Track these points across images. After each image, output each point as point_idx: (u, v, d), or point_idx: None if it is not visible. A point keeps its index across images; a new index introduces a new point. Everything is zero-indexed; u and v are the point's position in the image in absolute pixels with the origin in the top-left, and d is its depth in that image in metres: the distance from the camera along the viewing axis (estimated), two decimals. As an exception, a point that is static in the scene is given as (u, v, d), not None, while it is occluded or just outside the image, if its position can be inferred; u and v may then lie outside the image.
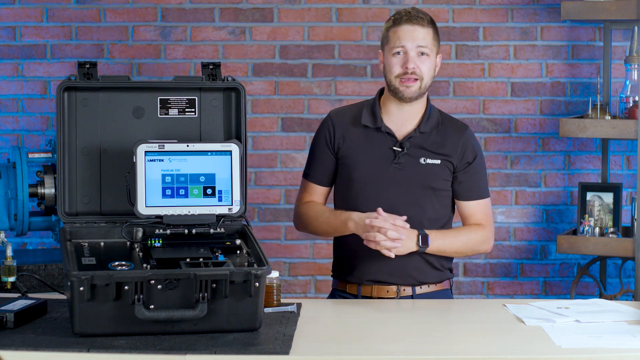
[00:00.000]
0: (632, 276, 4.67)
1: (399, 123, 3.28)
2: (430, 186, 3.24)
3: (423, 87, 3.22)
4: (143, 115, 3.10)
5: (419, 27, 3.20)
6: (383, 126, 3.26)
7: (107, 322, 2.65)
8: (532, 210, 4.79)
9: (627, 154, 4.75)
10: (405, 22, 3.21)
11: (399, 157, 3.24)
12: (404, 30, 3.20)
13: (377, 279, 3.25)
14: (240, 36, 4.78)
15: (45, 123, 4.81)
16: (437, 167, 3.25)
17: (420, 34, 3.20)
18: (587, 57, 4.74)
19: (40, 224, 3.39)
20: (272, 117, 4.80)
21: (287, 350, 2.57)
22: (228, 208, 2.99)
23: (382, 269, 3.24)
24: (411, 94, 3.21)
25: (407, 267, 3.24)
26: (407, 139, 3.25)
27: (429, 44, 3.21)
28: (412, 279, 3.25)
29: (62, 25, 4.78)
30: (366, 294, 3.27)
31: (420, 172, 3.24)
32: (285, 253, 4.82)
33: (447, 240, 3.23)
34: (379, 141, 3.27)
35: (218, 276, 2.68)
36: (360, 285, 3.28)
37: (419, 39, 3.20)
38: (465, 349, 2.65)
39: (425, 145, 3.25)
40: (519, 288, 4.79)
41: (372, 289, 3.26)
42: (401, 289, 3.26)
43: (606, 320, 2.89)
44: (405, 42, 3.20)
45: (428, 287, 3.28)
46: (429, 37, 3.21)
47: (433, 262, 3.27)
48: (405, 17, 3.22)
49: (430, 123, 3.27)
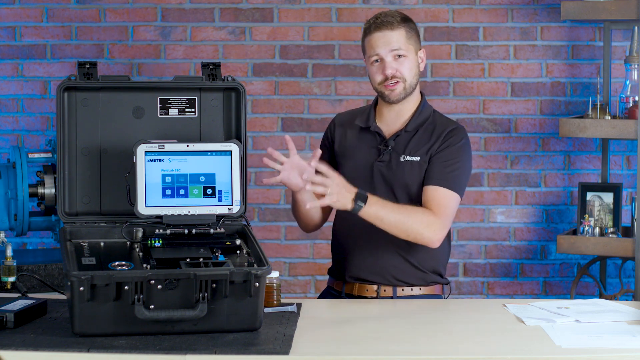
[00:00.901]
0: (632, 276, 4.66)
1: (389, 123, 3.30)
2: (408, 183, 3.24)
3: (408, 86, 3.23)
4: (143, 115, 3.10)
5: (388, 31, 3.21)
6: (373, 126, 3.29)
7: (107, 322, 2.65)
8: (532, 210, 4.79)
9: (627, 154, 4.74)
10: (375, 30, 3.22)
11: (383, 155, 3.26)
12: (375, 38, 3.22)
13: (358, 277, 3.27)
14: (240, 36, 4.78)
15: (45, 123, 4.81)
16: (415, 164, 3.24)
17: (391, 38, 3.21)
18: (587, 57, 4.74)
19: (40, 224, 3.39)
20: (272, 117, 4.80)
21: (287, 350, 2.57)
22: (228, 208, 2.99)
23: (362, 267, 3.26)
24: (397, 96, 3.23)
25: (386, 265, 3.24)
26: (393, 137, 3.27)
27: (403, 44, 3.22)
28: (391, 278, 3.25)
29: (62, 25, 4.78)
30: (349, 291, 3.29)
31: (400, 170, 3.25)
32: (285, 253, 4.82)
33: (386, 208, 3.09)
34: (367, 140, 3.30)
35: (218, 276, 2.68)
36: (344, 283, 3.30)
37: (392, 43, 3.21)
38: (465, 349, 2.65)
39: (410, 143, 3.26)
40: (519, 288, 4.79)
41: (354, 286, 3.28)
42: (381, 288, 3.26)
43: (606, 320, 2.89)
44: (378, 49, 3.22)
45: (412, 290, 3.27)
46: (401, 38, 3.22)
47: (413, 262, 3.26)
48: (373, 25, 3.23)
49: (418, 121, 3.28)
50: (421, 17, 4.75)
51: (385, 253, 3.24)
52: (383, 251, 3.24)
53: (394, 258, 3.25)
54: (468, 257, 4.78)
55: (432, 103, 4.81)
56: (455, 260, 4.78)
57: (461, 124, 3.33)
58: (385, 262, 3.25)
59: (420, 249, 3.23)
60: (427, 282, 3.29)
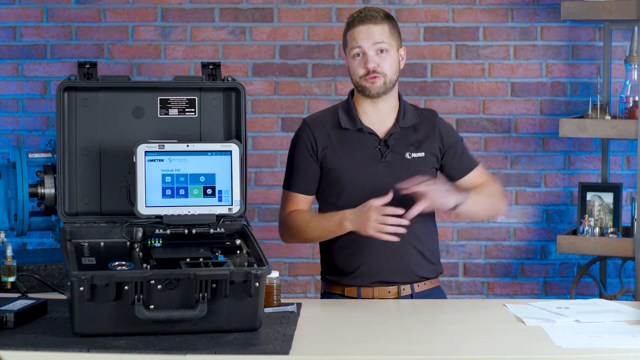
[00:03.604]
0: (632, 276, 4.66)
1: (377, 121, 3.28)
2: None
3: (388, 82, 3.23)
4: (143, 115, 3.10)
5: (372, 25, 3.21)
6: (364, 127, 3.27)
7: (107, 322, 2.65)
8: (532, 210, 4.79)
9: (627, 154, 4.74)
10: (358, 24, 3.23)
11: (386, 155, 3.25)
12: (358, 32, 3.22)
13: (379, 280, 3.25)
14: (240, 36, 4.78)
15: (45, 123, 4.81)
16: (422, 160, 3.26)
17: (374, 31, 3.21)
18: (587, 57, 4.74)
19: (40, 224, 3.39)
20: (272, 117, 4.80)
21: (287, 350, 2.57)
22: (228, 208, 2.99)
23: (382, 269, 3.24)
24: (377, 89, 3.22)
25: (408, 263, 3.24)
26: (389, 136, 3.26)
27: (386, 39, 3.22)
28: (412, 275, 3.26)
29: (62, 25, 4.78)
30: (367, 295, 3.26)
31: (408, 167, 3.24)
32: (285, 253, 4.82)
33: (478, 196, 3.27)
34: (362, 142, 3.27)
35: (218, 276, 2.68)
36: (360, 288, 3.27)
37: (375, 37, 3.21)
38: (465, 349, 2.65)
39: (408, 140, 3.27)
40: (519, 288, 4.79)
41: (374, 290, 3.26)
42: (401, 288, 3.26)
43: (606, 320, 2.89)
44: (361, 42, 3.21)
45: (425, 285, 3.28)
46: (385, 32, 3.22)
47: (426, 255, 3.28)
48: (357, 19, 3.24)
49: (407, 117, 3.28)
50: (421, 17, 4.75)
51: (405, 251, 3.22)
52: (402, 249, 3.22)
53: (413, 254, 3.25)
54: (468, 257, 4.78)
55: (432, 103, 4.83)
56: (455, 260, 4.78)
57: (430, 108, 3.42)
58: (406, 260, 3.24)
59: (429, 240, 3.26)
60: (437, 273, 3.32)
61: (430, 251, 3.29)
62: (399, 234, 3.09)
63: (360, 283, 3.27)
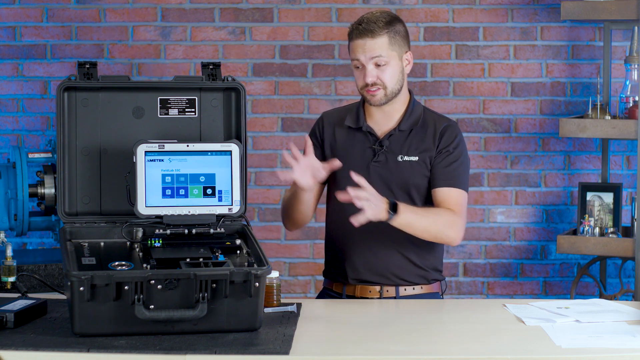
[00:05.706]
0: (632, 276, 4.67)
1: (380, 122, 3.28)
2: (408, 183, 3.23)
3: (389, 93, 3.20)
4: (143, 115, 3.10)
5: (369, 39, 3.16)
6: (365, 126, 3.27)
7: (107, 322, 2.65)
8: (532, 210, 4.79)
9: (627, 154, 4.75)
10: (356, 37, 3.18)
11: (378, 155, 3.25)
12: (356, 45, 3.19)
13: (360, 278, 3.26)
14: (240, 36, 4.78)
15: (45, 123, 4.81)
16: (414, 164, 3.24)
17: (372, 46, 3.16)
18: (587, 57, 4.74)
19: (40, 224, 3.39)
20: (272, 117, 4.80)
21: (287, 350, 2.57)
22: (228, 208, 2.99)
23: (363, 268, 3.26)
24: (378, 101, 3.21)
25: (389, 266, 3.24)
26: (386, 137, 3.26)
27: (384, 52, 3.17)
28: (394, 278, 3.25)
29: (62, 25, 4.79)
30: (350, 293, 3.28)
31: (398, 170, 3.24)
32: (285, 253, 4.82)
33: (417, 214, 3.12)
34: (359, 141, 3.28)
35: (218, 276, 2.68)
36: (345, 285, 3.29)
37: (373, 51, 3.17)
38: (465, 349, 2.65)
39: (405, 143, 3.25)
40: (519, 288, 4.79)
41: (356, 288, 3.27)
42: (384, 289, 3.26)
43: (606, 320, 2.89)
44: (359, 56, 3.18)
45: (413, 289, 3.27)
46: (383, 45, 3.17)
47: (414, 260, 3.26)
48: (355, 32, 3.19)
49: (410, 121, 3.26)
50: (421, 17, 4.75)
51: (387, 253, 3.23)
52: (384, 251, 3.24)
53: (396, 257, 3.24)
54: (468, 257, 4.78)
55: (432, 103, 4.83)
56: (455, 260, 4.78)
57: (453, 119, 3.33)
58: (387, 262, 3.24)
59: (420, 246, 3.23)
60: (428, 280, 3.29)
61: (419, 257, 3.26)
62: (383, 237, 3.15)
63: (343, 280, 3.29)
